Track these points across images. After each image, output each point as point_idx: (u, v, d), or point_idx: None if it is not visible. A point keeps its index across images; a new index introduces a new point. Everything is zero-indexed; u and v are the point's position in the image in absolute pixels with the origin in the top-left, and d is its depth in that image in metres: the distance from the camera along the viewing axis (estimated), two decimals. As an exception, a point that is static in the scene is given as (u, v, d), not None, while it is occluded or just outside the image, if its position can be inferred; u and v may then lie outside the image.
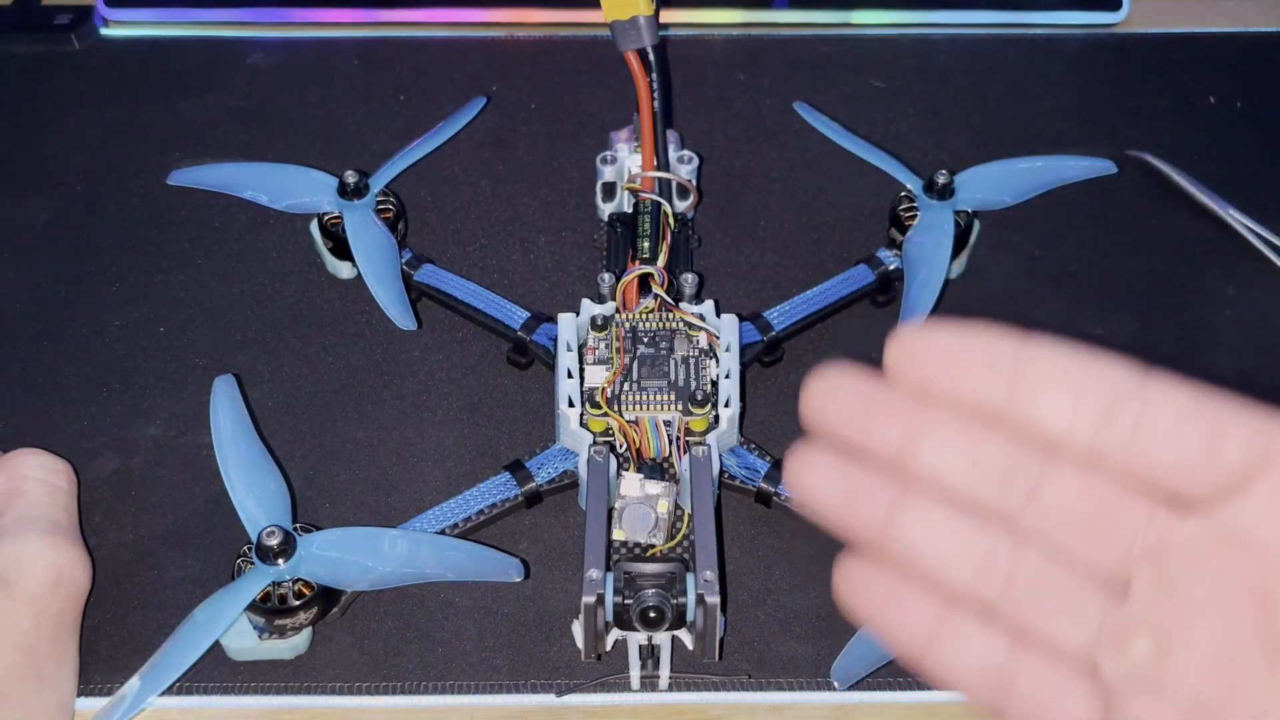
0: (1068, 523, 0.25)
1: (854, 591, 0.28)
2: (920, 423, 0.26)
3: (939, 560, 0.26)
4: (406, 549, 0.42)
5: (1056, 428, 0.25)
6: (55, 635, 0.40)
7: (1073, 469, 0.25)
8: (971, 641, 0.27)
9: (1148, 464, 0.24)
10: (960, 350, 0.25)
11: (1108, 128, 0.62)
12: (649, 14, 0.48)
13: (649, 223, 0.51)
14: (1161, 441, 0.24)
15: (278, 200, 0.55)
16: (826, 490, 0.27)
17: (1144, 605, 0.25)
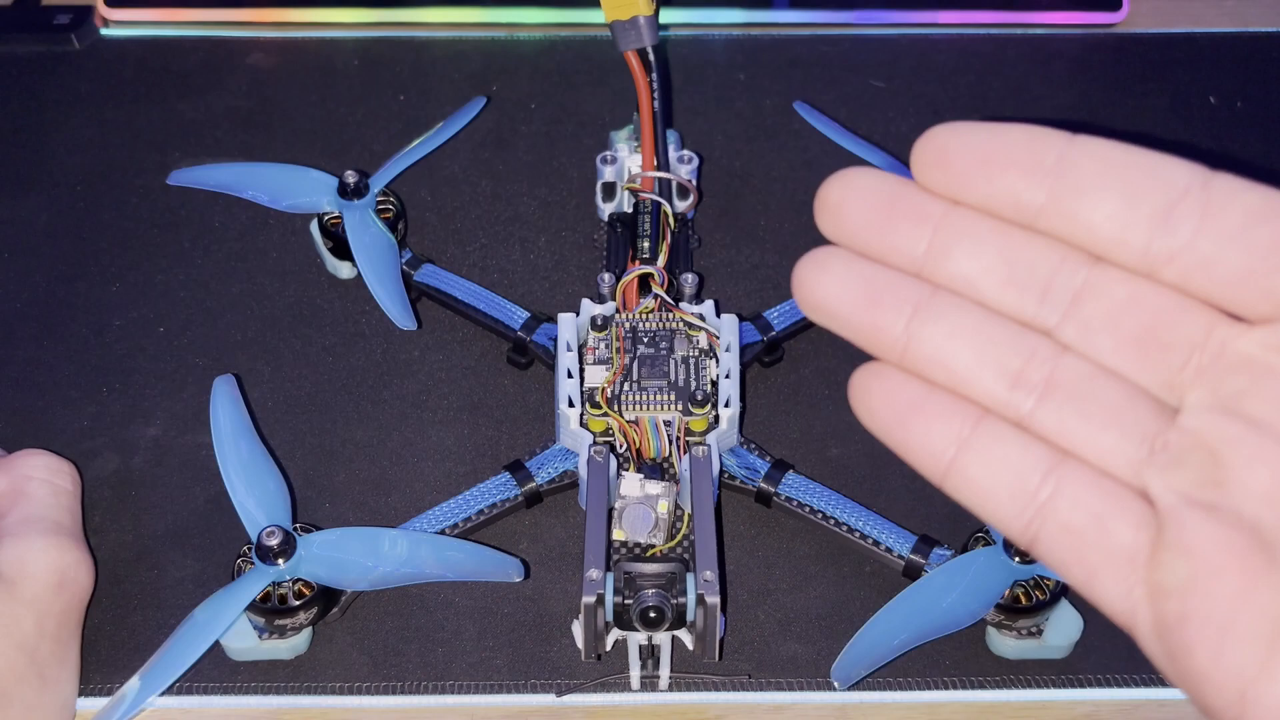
0: (1115, 334, 0.22)
1: (871, 399, 0.24)
2: (951, 226, 0.23)
3: (970, 367, 0.23)
4: (406, 549, 0.42)
5: (1106, 233, 0.22)
6: (58, 636, 0.40)
7: (1122, 277, 0.22)
8: (1005, 455, 0.23)
9: (1209, 273, 0.21)
10: (997, 147, 0.22)
11: (1108, 128, 0.61)
12: (649, 14, 0.48)
13: (649, 223, 0.51)
14: (1226, 248, 0.21)
15: (278, 200, 0.55)
16: (843, 293, 0.24)
17: (1200, 423, 0.22)
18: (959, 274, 0.23)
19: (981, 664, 0.42)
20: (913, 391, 0.24)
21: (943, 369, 0.23)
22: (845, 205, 0.23)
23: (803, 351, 0.51)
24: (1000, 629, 0.42)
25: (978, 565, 0.41)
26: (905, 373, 0.24)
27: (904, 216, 0.23)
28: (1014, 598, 0.41)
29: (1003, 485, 0.23)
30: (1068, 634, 0.42)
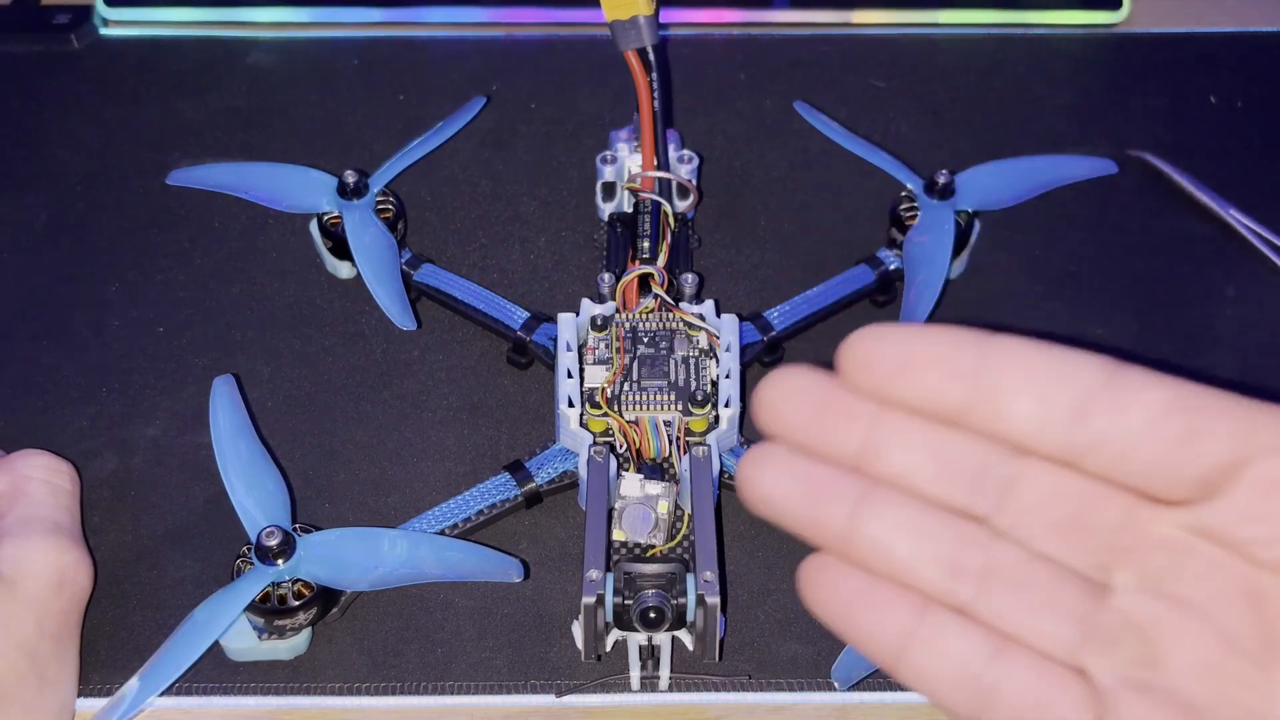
0: (1043, 522, 0.24)
1: (819, 592, 0.26)
2: (882, 425, 0.25)
3: (910, 558, 0.25)
4: (406, 549, 0.42)
5: (1026, 430, 0.23)
6: (57, 636, 0.40)
7: (1046, 467, 0.24)
8: (950, 644, 0.25)
9: (1125, 464, 0.23)
10: (917, 352, 0.24)
11: (1108, 128, 0.62)
12: (649, 14, 0.47)
13: (649, 223, 0.51)
14: (1137, 440, 0.23)
15: (278, 200, 0.55)
16: (786, 490, 0.25)
17: (1129, 603, 0.24)
18: (894, 470, 0.25)
19: (981, 664, 0.42)
20: (857, 583, 0.25)
21: (884, 561, 0.25)
22: (780, 406, 0.25)
23: (803, 351, 0.51)
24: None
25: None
26: (849, 564, 0.25)
27: (837, 417, 0.25)
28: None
29: (951, 673, 0.25)
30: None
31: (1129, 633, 0.23)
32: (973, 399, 0.24)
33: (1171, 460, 0.23)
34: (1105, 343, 0.52)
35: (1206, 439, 0.22)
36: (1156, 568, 0.23)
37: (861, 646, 0.26)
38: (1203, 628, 0.23)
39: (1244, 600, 0.23)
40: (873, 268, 0.53)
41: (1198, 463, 0.23)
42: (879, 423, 0.25)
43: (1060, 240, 0.56)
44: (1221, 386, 0.23)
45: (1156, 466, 0.23)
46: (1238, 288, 0.54)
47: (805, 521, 0.25)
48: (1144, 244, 0.56)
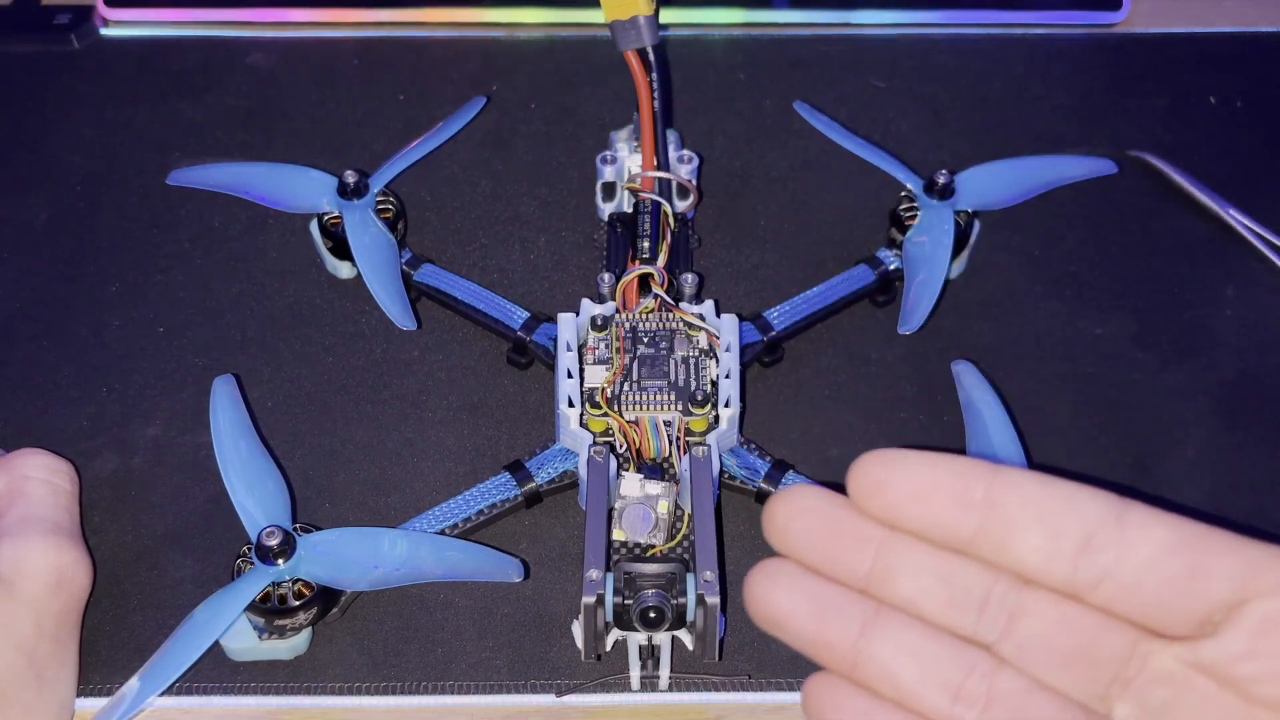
0: (1047, 652, 0.25)
1: (824, 712, 0.27)
2: (891, 550, 0.25)
3: (915, 683, 0.25)
4: (406, 549, 0.42)
5: (1033, 563, 0.24)
6: (56, 636, 0.40)
7: (1052, 598, 0.25)
8: None
9: (1129, 599, 0.24)
10: (927, 480, 0.25)
11: (1108, 128, 0.62)
12: (649, 14, 0.48)
13: (649, 223, 0.51)
14: (1141, 576, 0.23)
15: (278, 200, 0.55)
16: (794, 607, 0.27)
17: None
18: (902, 595, 0.25)
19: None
20: (862, 704, 0.26)
21: (890, 684, 0.25)
22: (791, 526, 0.26)
23: (803, 351, 0.51)
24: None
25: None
26: (854, 685, 0.26)
27: (847, 539, 0.26)
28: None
29: None
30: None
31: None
32: (981, 530, 0.24)
33: (1174, 596, 0.23)
34: (1105, 342, 0.52)
35: (1208, 577, 0.23)
36: (1156, 701, 0.24)
37: None
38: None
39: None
40: (872, 268, 0.53)
41: (1199, 600, 0.23)
42: (888, 547, 0.25)
43: (1060, 240, 0.56)
44: (1221, 386, 0.24)
45: (1159, 602, 0.23)
46: (1237, 288, 0.54)
47: (812, 640, 0.26)
48: (1144, 244, 0.56)
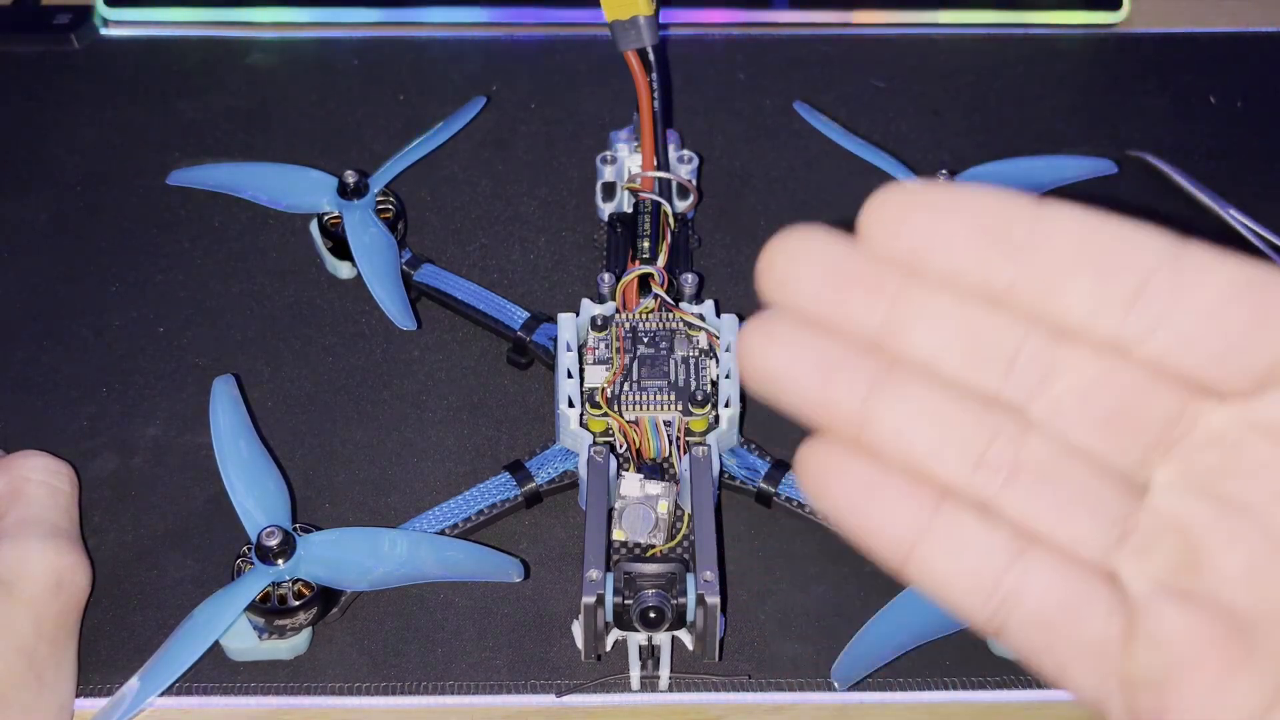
0: (1084, 413, 0.21)
1: (823, 481, 0.23)
2: (908, 299, 0.21)
3: (931, 448, 0.22)
4: (406, 549, 0.42)
5: (1079, 314, 0.21)
6: (55, 638, 0.40)
7: (1091, 354, 0.21)
8: (968, 542, 0.22)
9: (1183, 353, 0.20)
10: (957, 215, 0.21)
11: (1108, 128, 0.62)
12: (649, 14, 0.48)
13: (649, 223, 0.51)
14: (1200, 327, 0.20)
15: (278, 200, 0.55)
16: (793, 365, 0.22)
17: (1171, 504, 0.21)
18: (919, 350, 0.22)
19: (982, 664, 0.42)
20: (868, 473, 0.22)
21: (902, 449, 0.22)
22: (791, 272, 0.22)
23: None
24: (1000, 629, 0.42)
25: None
26: (858, 451, 0.22)
27: (856, 287, 0.22)
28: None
29: (966, 574, 0.22)
30: (1068, 634, 0.42)
31: (1170, 536, 0.21)
32: (1020, 275, 0.21)
33: (1235, 347, 0.20)
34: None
35: (1276, 326, 0.20)
36: (1205, 465, 0.21)
37: (866, 541, 0.23)
38: (1252, 531, 0.20)
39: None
40: (873, 268, 0.52)
41: (1265, 351, 0.20)
42: (904, 296, 0.22)
43: (1060, 240, 0.56)
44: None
45: (1218, 354, 0.20)
46: (1238, 288, 0.54)
47: (813, 402, 0.22)
48: (1144, 244, 0.56)
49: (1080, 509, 0.21)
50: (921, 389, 0.22)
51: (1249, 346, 0.20)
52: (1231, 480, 0.21)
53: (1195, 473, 0.21)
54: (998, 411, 0.22)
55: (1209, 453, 0.21)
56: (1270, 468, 0.21)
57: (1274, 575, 0.20)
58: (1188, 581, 0.21)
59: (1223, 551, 0.21)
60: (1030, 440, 0.22)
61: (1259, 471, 0.21)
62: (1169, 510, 0.21)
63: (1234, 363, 0.20)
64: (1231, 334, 0.20)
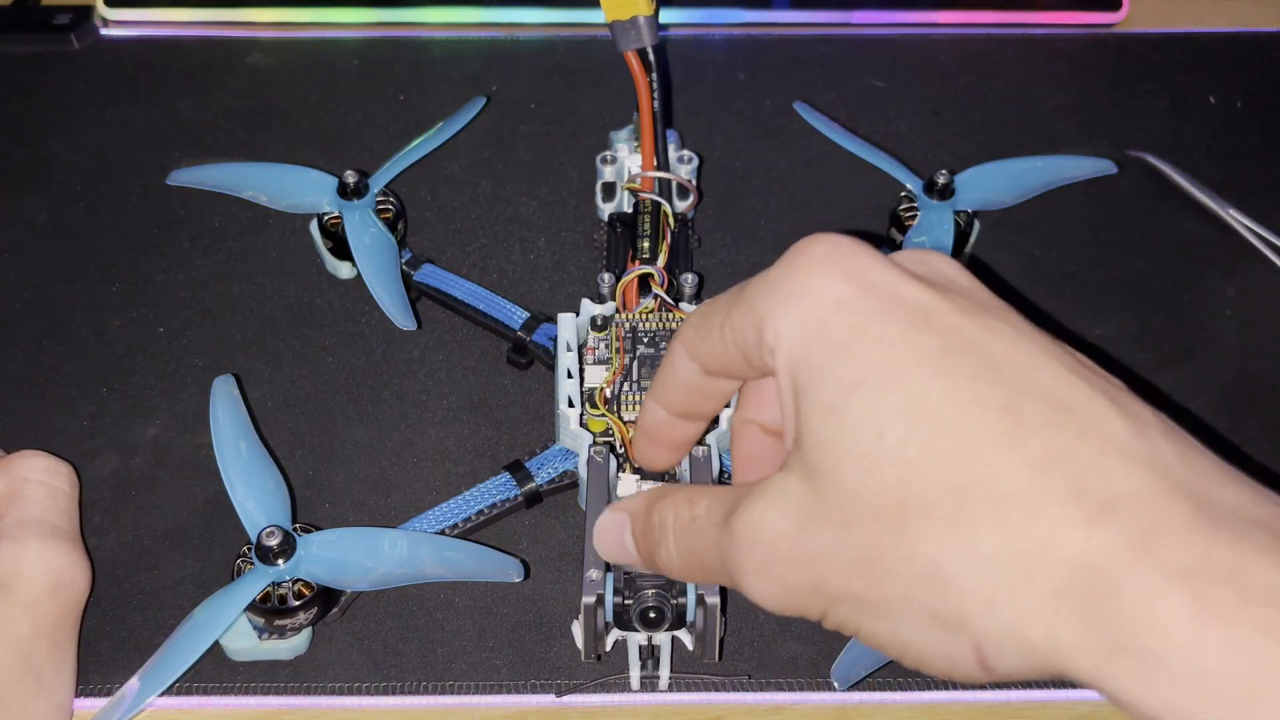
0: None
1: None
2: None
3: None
4: (406, 549, 0.42)
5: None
6: (54, 639, 0.40)
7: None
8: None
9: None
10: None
11: (1108, 128, 0.62)
12: (649, 14, 0.48)
13: (649, 223, 0.51)
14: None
15: (278, 200, 0.55)
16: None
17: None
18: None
19: (981, 664, 0.42)
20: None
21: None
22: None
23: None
24: (1000, 629, 0.42)
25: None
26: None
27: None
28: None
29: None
30: (1068, 634, 0.42)
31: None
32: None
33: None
34: (1105, 342, 0.52)
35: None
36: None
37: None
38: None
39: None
40: (873, 268, 0.52)
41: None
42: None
43: (1060, 240, 0.56)
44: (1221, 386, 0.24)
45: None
46: (1237, 288, 0.54)
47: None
48: (1144, 244, 0.56)
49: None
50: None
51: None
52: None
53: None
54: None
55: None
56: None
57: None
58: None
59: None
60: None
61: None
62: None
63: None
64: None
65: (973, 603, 0.24)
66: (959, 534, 0.24)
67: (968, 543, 0.24)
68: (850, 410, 0.26)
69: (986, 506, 0.24)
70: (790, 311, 0.28)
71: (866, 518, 0.26)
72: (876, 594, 0.26)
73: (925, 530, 0.25)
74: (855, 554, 0.26)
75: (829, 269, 0.28)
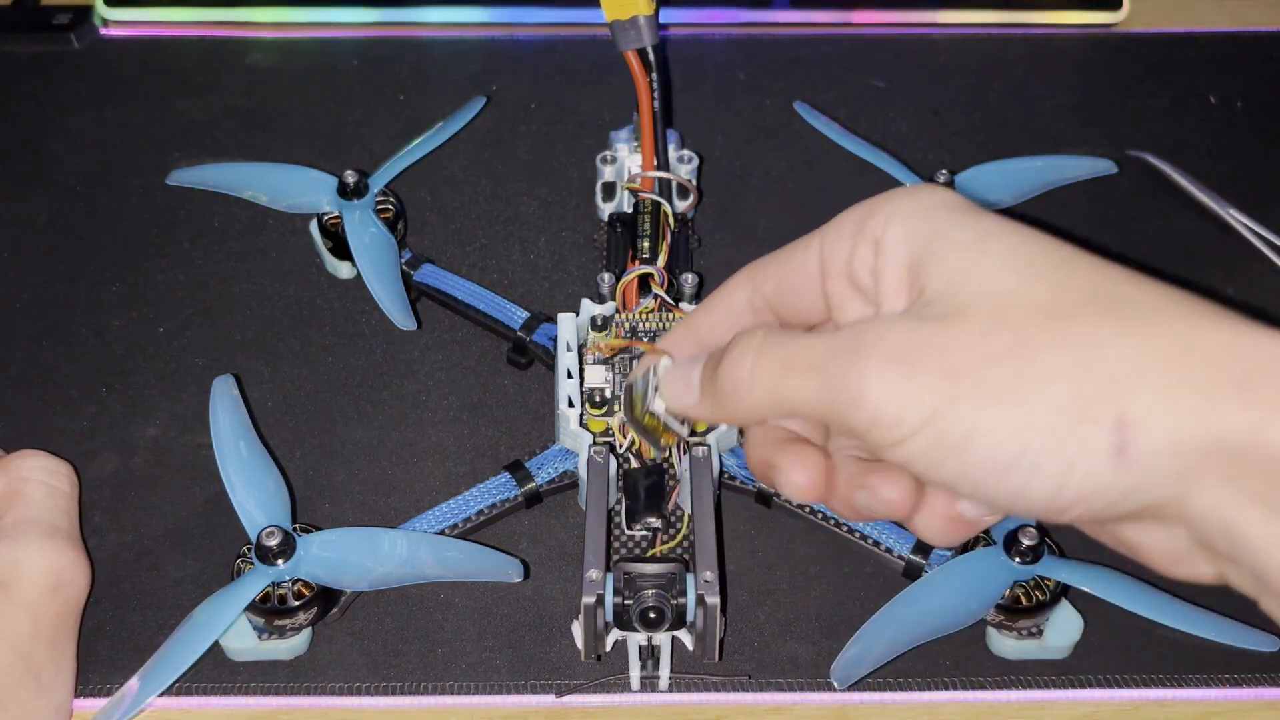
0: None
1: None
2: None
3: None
4: (406, 549, 0.42)
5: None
6: (53, 639, 0.40)
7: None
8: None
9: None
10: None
11: (1108, 128, 0.62)
12: (649, 14, 0.48)
13: (649, 223, 0.51)
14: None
15: (278, 200, 0.55)
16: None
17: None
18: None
19: (981, 664, 0.42)
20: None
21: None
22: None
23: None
24: (1000, 629, 0.42)
25: (978, 565, 0.41)
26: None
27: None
28: (1014, 598, 0.41)
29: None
30: (1068, 634, 0.42)
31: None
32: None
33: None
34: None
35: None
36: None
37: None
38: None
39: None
40: (873, 268, 0.52)
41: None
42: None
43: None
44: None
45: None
46: (1237, 288, 0.54)
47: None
48: (1144, 244, 0.56)
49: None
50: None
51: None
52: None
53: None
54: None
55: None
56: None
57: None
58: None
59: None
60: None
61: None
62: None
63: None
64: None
65: (1125, 373, 0.25)
66: (1113, 325, 0.25)
67: (1120, 329, 0.25)
68: (993, 243, 0.27)
69: (1140, 310, 0.25)
70: (902, 202, 0.30)
71: (1013, 320, 0.26)
72: (1016, 379, 0.25)
73: (1078, 322, 0.25)
74: (999, 347, 0.26)
75: (917, 189, 0.31)
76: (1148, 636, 0.43)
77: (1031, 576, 0.41)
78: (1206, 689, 0.42)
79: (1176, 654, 0.42)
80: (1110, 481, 0.25)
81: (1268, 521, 0.24)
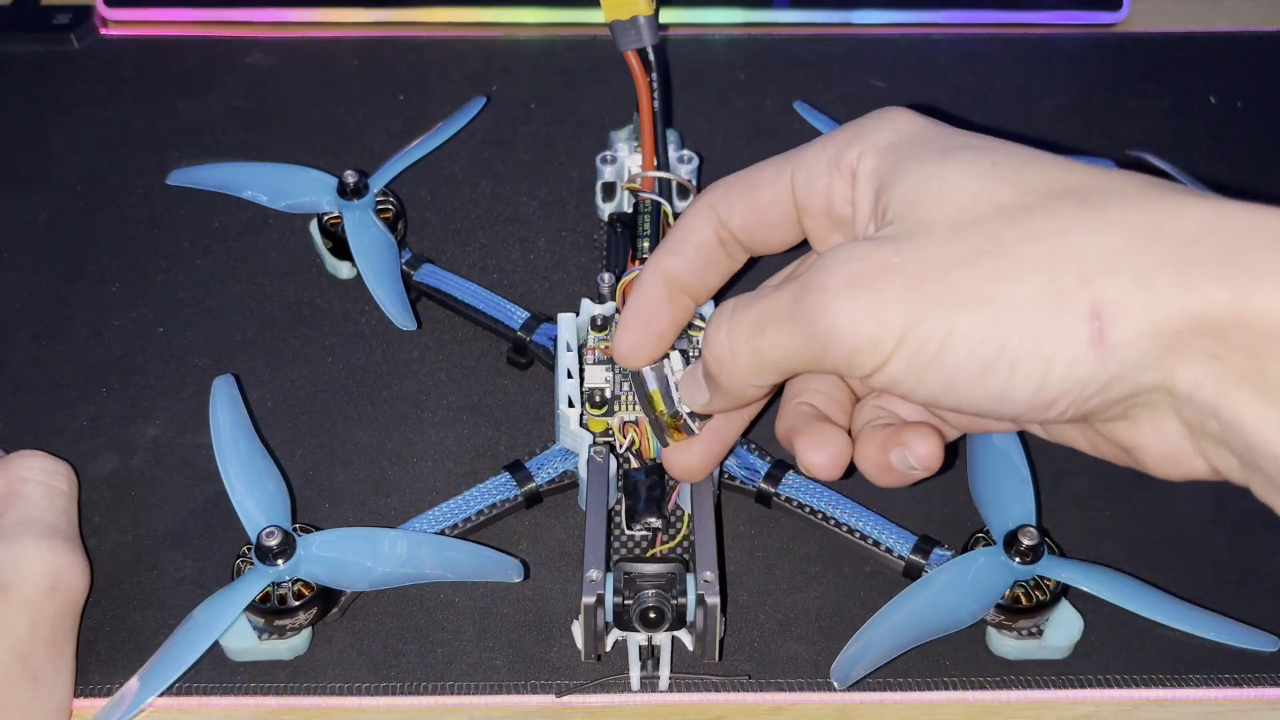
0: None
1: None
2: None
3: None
4: (406, 549, 0.42)
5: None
6: (52, 640, 0.40)
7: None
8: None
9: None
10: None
11: (1108, 128, 0.62)
12: (649, 14, 0.47)
13: (649, 223, 0.51)
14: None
15: (277, 200, 0.55)
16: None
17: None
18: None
19: (981, 664, 0.42)
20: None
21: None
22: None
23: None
24: (1000, 629, 0.42)
25: (978, 565, 0.41)
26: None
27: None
28: (1014, 598, 0.41)
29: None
30: (1068, 634, 0.42)
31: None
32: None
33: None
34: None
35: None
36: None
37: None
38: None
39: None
40: (873, 268, 0.52)
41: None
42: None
43: (1060, 240, 0.56)
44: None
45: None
46: (1238, 288, 0.54)
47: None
48: (1144, 244, 0.56)
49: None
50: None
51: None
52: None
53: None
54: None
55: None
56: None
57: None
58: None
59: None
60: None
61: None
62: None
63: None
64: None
65: (1096, 260, 0.24)
66: (1081, 214, 0.25)
67: (1088, 217, 0.24)
68: (956, 155, 0.27)
69: (1108, 196, 0.25)
70: (879, 134, 0.30)
71: (978, 223, 0.26)
72: (984, 279, 0.25)
73: (1044, 215, 0.25)
74: (964, 251, 0.25)
75: (895, 111, 0.31)
76: (1148, 636, 0.43)
77: (1031, 576, 0.41)
78: (1206, 689, 0.42)
79: (1176, 654, 0.42)
80: (1092, 372, 0.24)
81: (1257, 400, 0.23)
